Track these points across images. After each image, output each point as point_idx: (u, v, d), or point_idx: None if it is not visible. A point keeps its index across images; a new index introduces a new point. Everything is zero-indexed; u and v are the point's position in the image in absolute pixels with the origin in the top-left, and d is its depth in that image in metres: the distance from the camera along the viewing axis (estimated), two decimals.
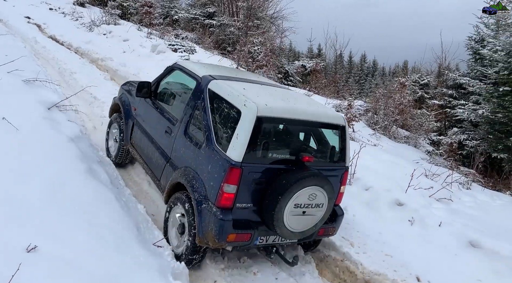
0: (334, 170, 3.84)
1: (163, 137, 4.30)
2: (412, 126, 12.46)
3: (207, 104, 3.81)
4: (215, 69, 4.67)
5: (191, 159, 3.75)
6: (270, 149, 3.48)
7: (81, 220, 3.00)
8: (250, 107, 3.36)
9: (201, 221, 3.45)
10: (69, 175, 3.62)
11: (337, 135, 3.86)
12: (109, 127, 5.68)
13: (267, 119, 3.39)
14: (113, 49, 12.19)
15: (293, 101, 3.88)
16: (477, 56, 12.47)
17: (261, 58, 14.34)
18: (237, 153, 3.29)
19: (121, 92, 5.66)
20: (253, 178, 3.39)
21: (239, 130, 3.34)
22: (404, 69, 36.85)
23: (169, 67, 4.88)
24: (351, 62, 49.68)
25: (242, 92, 3.65)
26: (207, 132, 3.64)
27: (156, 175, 4.38)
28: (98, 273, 2.52)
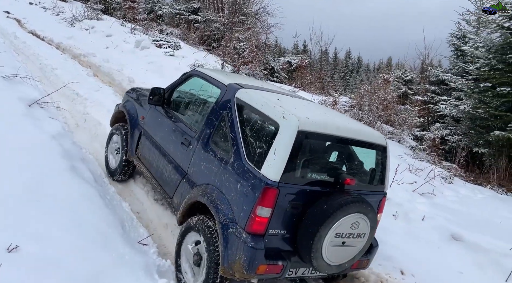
0: (373, 195, 3.41)
1: (179, 150, 3.87)
2: (396, 122, 12.62)
3: (234, 114, 3.40)
4: (238, 78, 4.38)
5: (214, 175, 3.32)
6: (310, 168, 3.09)
7: (63, 218, 2.95)
8: (291, 119, 2.96)
9: (227, 248, 2.97)
10: (51, 173, 3.55)
11: (378, 157, 3.45)
12: (109, 138, 5.14)
13: (308, 134, 2.99)
14: (96, 45, 11.98)
15: (332, 115, 3.53)
16: (459, 52, 12.70)
17: (246, 54, 14.30)
18: (274, 171, 2.87)
19: (125, 99, 5.18)
20: (290, 201, 2.96)
21: (277, 145, 2.92)
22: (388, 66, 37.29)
23: (186, 74, 4.45)
24: (336, 59, 50.03)
25: (277, 103, 3.28)
26: (235, 146, 3.22)
27: (168, 192, 3.93)
28: (81, 272, 2.49)
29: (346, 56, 52.05)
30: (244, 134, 3.24)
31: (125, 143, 4.76)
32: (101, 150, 5.68)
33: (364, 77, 43.94)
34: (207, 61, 12.91)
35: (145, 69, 10.70)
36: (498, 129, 8.67)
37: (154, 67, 11.06)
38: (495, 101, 9.21)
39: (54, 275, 2.33)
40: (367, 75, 44.82)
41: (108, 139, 5.14)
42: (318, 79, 22.37)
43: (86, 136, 5.89)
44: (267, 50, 21.68)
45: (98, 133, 6.03)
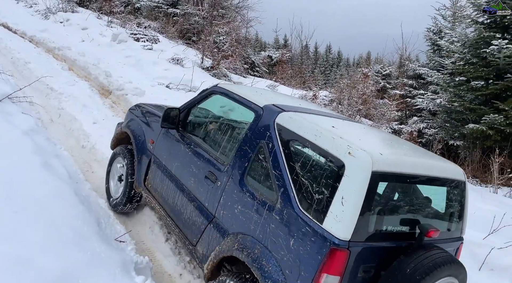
0: (449, 244, 2.77)
1: (202, 185, 3.17)
2: (374, 116, 12.82)
3: (277, 146, 2.70)
4: (274, 96, 3.61)
5: (254, 224, 2.63)
6: (385, 219, 2.47)
7: (36, 217, 2.86)
8: (361, 157, 2.27)
9: None
10: (22, 170, 3.44)
11: (454, 195, 2.80)
12: (110, 164, 4.48)
13: (385, 176, 2.34)
14: (71, 38, 11.67)
15: (403, 147, 2.91)
16: (435, 47, 12.95)
17: (226, 48, 14.21)
18: (343, 226, 2.20)
19: (129, 118, 4.41)
20: (362, 264, 2.29)
21: (345, 191, 2.25)
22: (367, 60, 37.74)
23: (206, 91, 3.69)
24: (316, 53, 50.30)
25: (334, 132, 2.57)
26: (282, 188, 2.54)
27: (190, 238, 3.23)
28: (54, 271, 2.42)
29: (327, 50, 52.38)
30: (294, 173, 2.54)
31: (131, 171, 4.07)
32: (76, 145, 5.56)
33: (344, 71, 44.35)
34: (187, 55, 12.76)
35: (122, 63, 10.49)
36: (472, 122, 8.89)
37: (132, 61, 10.86)
38: (469, 95, 9.44)
39: (25, 275, 2.26)
40: (347, 69, 45.25)
41: (110, 163, 4.48)
42: (298, 73, 22.47)
43: (61, 131, 5.75)
44: (247, 44, 21.59)
45: (74, 128, 5.89)
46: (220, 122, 3.68)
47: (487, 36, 8.76)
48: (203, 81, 10.04)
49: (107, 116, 6.93)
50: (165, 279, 3.57)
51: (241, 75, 15.10)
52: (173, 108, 3.68)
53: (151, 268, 3.41)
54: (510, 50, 8.11)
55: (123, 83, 8.48)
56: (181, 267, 3.70)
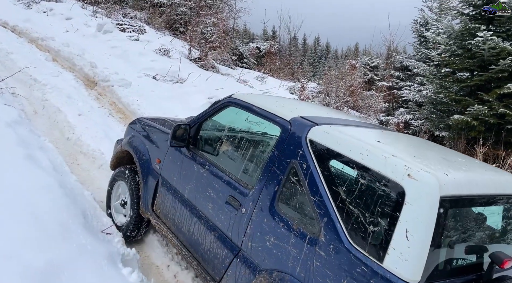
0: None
1: (223, 212, 2.76)
2: (362, 107, 12.91)
3: (313, 167, 2.29)
4: (297, 106, 3.24)
5: (293, 260, 2.23)
6: (455, 251, 2.07)
7: (19, 210, 2.82)
8: (425, 181, 1.86)
9: None
10: (5, 162, 3.38)
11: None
12: (111, 186, 4.02)
13: (454, 202, 1.95)
14: (55, 28, 11.40)
15: (458, 161, 2.45)
16: (422, 38, 13.05)
17: (214, 39, 14.09)
18: (411, 266, 1.80)
19: (130, 134, 3.99)
20: None
21: (410, 223, 1.84)
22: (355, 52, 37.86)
23: (218, 102, 3.25)
24: (305, 45, 50.25)
25: (384, 149, 2.14)
26: (325, 217, 2.13)
27: (211, 273, 2.83)
28: (39, 264, 2.39)
29: (315, 42, 52.36)
30: (338, 200, 2.13)
31: (135, 195, 3.69)
32: (61, 137, 5.48)
33: (332, 63, 44.43)
34: (174, 46, 12.61)
35: (108, 54, 10.31)
36: (457, 113, 9.01)
37: (118, 52, 10.69)
38: (455, 86, 9.55)
39: (8, 268, 2.23)
40: (335, 61, 45.35)
41: (110, 186, 4.03)
42: (287, 65, 22.45)
43: (45, 123, 5.65)
44: (235, 35, 21.45)
45: (58, 120, 5.80)
46: (239, 138, 3.26)
47: (472, 28, 8.84)
48: (190, 72, 9.95)
49: (92, 107, 6.84)
50: (153, 271, 3.56)
51: (229, 67, 15.01)
52: (182, 124, 3.26)
53: (138, 259, 3.40)
54: (495, 41, 8.22)
55: (109, 74, 8.35)
56: (169, 258, 3.70)
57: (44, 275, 2.35)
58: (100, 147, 5.31)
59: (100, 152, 5.19)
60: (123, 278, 2.87)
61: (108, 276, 2.75)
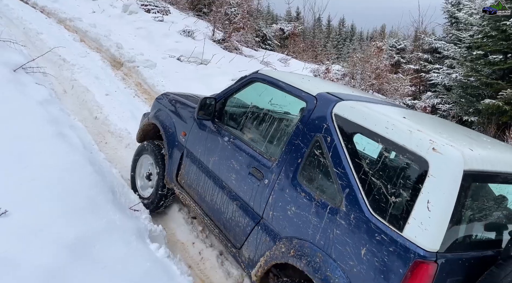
0: None
1: (246, 183, 2.88)
2: (388, 91, 12.63)
3: (337, 140, 2.38)
4: (323, 83, 3.31)
5: (313, 229, 2.35)
6: (476, 225, 2.18)
7: (52, 185, 2.93)
8: (449, 154, 1.93)
9: None
10: (38, 139, 3.50)
11: None
12: (136, 160, 4.13)
13: (477, 177, 2.02)
14: (82, 9, 11.55)
15: (483, 141, 2.51)
16: (453, 19, 12.56)
17: (238, 20, 13.96)
18: (430, 236, 1.89)
19: (156, 108, 4.11)
20: (449, 278, 1.97)
21: (432, 194, 1.92)
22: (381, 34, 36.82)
23: (245, 78, 3.34)
24: (329, 27, 49.23)
25: (409, 124, 2.20)
26: (347, 189, 2.23)
27: (232, 241, 2.98)
28: (72, 237, 2.50)
29: (340, 24, 51.21)
30: (361, 172, 2.22)
31: (161, 166, 3.81)
32: (90, 117, 5.61)
33: (357, 45, 43.47)
34: (198, 27, 12.58)
35: (133, 35, 10.40)
36: (488, 97, 8.72)
37: (143, 33, 10.76)
38: (487, 69, 9.21)
39: (43, 239, 2.34)
40: (360, 43, 44.31)
41: (135, 160, 4.14)
42: (310, 47, 22.08)
43: (74, 103, 5.79)
44: (259, 17, 21.18)
45: (86, 99, 5.92)
46: (264, 113, 3.33)
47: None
48: (214, 54, 9.93)
49: (119, 88, 6.95)
50: (178, 247, 3.66)
51: (252, 48, 14.89)
52: (209, 97, 3.38)
53: (165, 236, 3.49)
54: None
55: (135, 55, 8.44)
56: (194, 236, 3.78)
57: (75, 247, 2.46)
58: (126, 126, 5.42)
59: (127, 132, 5.29)
60: (151, 253, 2.96)
61: (137, 250, 2.85)
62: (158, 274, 2.78)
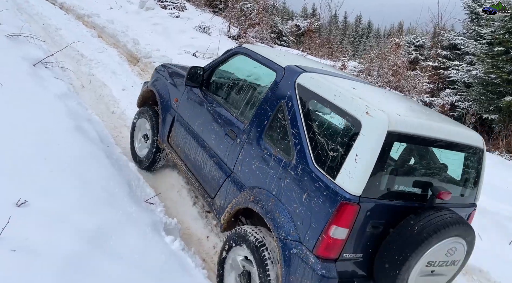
0: (462, 209, 2.78)
1: (222, 142, 3.31)
2: (405, 88, 12.43)
3: (296, 105, 2.78)
4: (295, 58, 3.67)
5: (270, 179, 2.76)
6: (397, 179, 2.52)
7: (70, 176, 2.98)
8: (378, 117, 2.33)
9: (290, 273, 2.46)
10: (57, 132, 3.56)
11: (471, 162, 2.82)
12: (136, 119, 4.59)
13: (400, 137, 2.38)
14: (100, 5, 11.70)
15: (421, 111, 2.92)
16: (474, 15, 12.26)
17: (253, 16, 13.93)
18: (355, 182, 2.29)
19: (155, 77, 4.55)
20: (371, 219, 2.39)
21: (360, 149, 2.32)
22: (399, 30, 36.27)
23: (229, 51, 3.76)
24: (345, 23, 48.71)
25: (355, 93, 2.63)
26: (298, 146, 2.64)
27: (208, 191, 3.42)
28: (90, 227, 2.53)
29: (356, 20, 50.62)
30: (311, 131, 2.63)
31: (156, 129, 4.22)
32: (106, 111, 5.67)
33: (374, 42, 42.94)
34: (213, 23, 12.60)
35: (150, 31, 10.48)
36: (509, 95, 8.49)
37: (159, 29, 10.83)
38: (508, 66, 8.97)
39: (62, 229, 2.37)
40: (377, 40, 43.79)
41: (134, 123, 4.60)
42: (326, 43, 21.89)
43: (92, 97, 5.87)
44: (275, 13, 21.10)
45: (104, 94, 6.00)
46: (243, 82, 3.72)
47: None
48: None
49: (135, 83, 7.01)
50: (193, 241, 3.68)
51: (267, 45, 14.85)
52: (197, 67, 3.76)
53: (180, 229, 3.52)
54: None
55: (151, 51, 8.50)
56: (208, 230, 3.80)
57: (93, 237, 2.49)
58: None
59: None
60: (166, 246, 2.98)
61: (152, 242, 2.87)
62: (173, 266, 2.80)
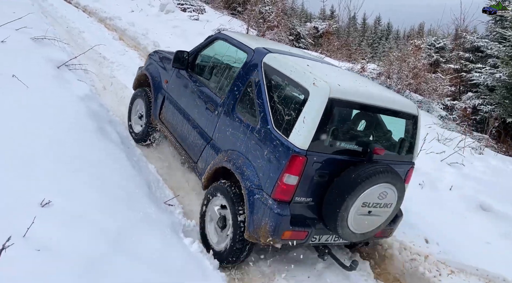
0: (400, 166, 3.36)
1: (204, 115, 3.87)
2: (425, 91, 12.21)
3: (262, 80, 3.37)
4: (266, 42, 4.30)
5: (240, 142, 3.34)
6: (339, 137, 3.09)
7: (92, 177, 3.03)
8: (322, 86, 2.94)
9: (253, 214, 3.05)
10: (79, 133, 3.62)
11: (408, 126, 3.41)
12: (131, 103, 5.13)
13: (339, 102, 2.97)
14: (121, 8, 11.91)
15: (363, 83, 3.50)
16: (498, 17, 11.95)
17: (272, 18, 13.94)
18: (302, 139, 2.88)
19: (148, 62, 5.09)
20: (317, 169, 2.98)
21: (307, 112, 2.92)
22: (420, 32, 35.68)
23: (210, 37, 4.36)
24: (364, 25, 48.25)
25: (307, 69, 3.22)
26: (262, 113, 3.22)
27: (193, 157, 3.97)
28: (111, 227, 2.57)
29: (376, 22, 50.07)
30: (272, 101, 3.21)
31: (149, 107, 4.72)
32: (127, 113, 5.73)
33: (393, 44, 42.34)
34: (232, 25, 12.66)
35: (169, 34, 10.61)
36: None
37: (178, 31, 10.95)
38: None
39: (84, 229, 2.42)
40: (397, 42, 43.16)
41: (131, 103, 5.11)
42: (345, 45, 21.70)
43: (113, 99, 5.96)
44: (293, 15, 21.06)
45: (125, 96, 6.08)
46: (220, 63, 4.26)
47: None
48: None
49: None
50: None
51: None
52: (183, 51, 4.28)
53: (198, 231, 3.53)
54: None
55: None
56: None
57: (114, 237, 2.52)
58: None
59: None
60: (185, 247, 3.01)
61: (171, 244, 2.90)
62: (192, 268, 2.81)
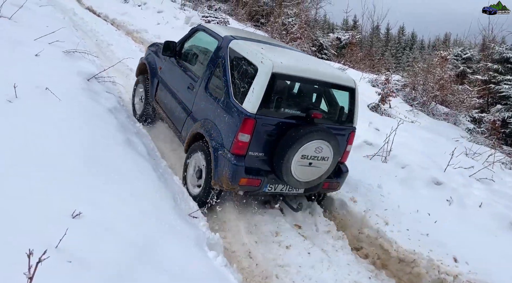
0: (341, 130, 4.15)
1: (186, 93, 4.66)
2: (452, 103, 11.95)
3: (227, 61, 4.14)
4: (237, 31, 5.08)
5: (210, 112, 4.12)
6: (283, 104, 3.86)
7: (120, 189, 3.09)
8: (266, 64, 3.70)
9: (217, 166, 3.84)
10: (108, 145, 3.72)
11: (347, 97, 4.14)
12: (135, 86, 6.03)
13: (281, 76, 3.78)
14: (148, 21, 12.21)
15: (306, 61, 4.28)
16: None
17: (295, 30, 14.01)
18: (251, 105, 3.65)
19: (147, 53, 6.01)
20: (265, 130, 3.75)
21: (255, 84, 3.69)
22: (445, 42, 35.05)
23: (193, 29, 5.23)
24: (388, 35, 47.81)
25: (260, 51, 3.98)
26: (225, 87, 4.00)
27: (178, 128, 4.74)
28: (138, 239, 2.61)
29: (399, 32, 49.54)
30: (233, 77, 4.00)
31: (147, 90, 5.58)
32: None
33: (417, 54, 41.74)
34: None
35: None
36: None
37: None
38: None
39: (113, 239, 2.46)
40: (421, 52, 42.53)
41: (134, 88, 5.99)
42: (368, 56, 21.54)
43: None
44: (316, 26, 21.10)
45: None
46: (200, 50, 4.99)
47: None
48: None
49: None
50: (234, 257, 3.69)
51: None
52: (171, 41, 5.07)
53: (222, 244, 3.54)
54: None
55: None
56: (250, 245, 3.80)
57: (140, 249, 2.56)
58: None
59: None
60: (209, 261, 3.01)
61: (196, 257, 2.92)
62: (215, 282, 2.82)
